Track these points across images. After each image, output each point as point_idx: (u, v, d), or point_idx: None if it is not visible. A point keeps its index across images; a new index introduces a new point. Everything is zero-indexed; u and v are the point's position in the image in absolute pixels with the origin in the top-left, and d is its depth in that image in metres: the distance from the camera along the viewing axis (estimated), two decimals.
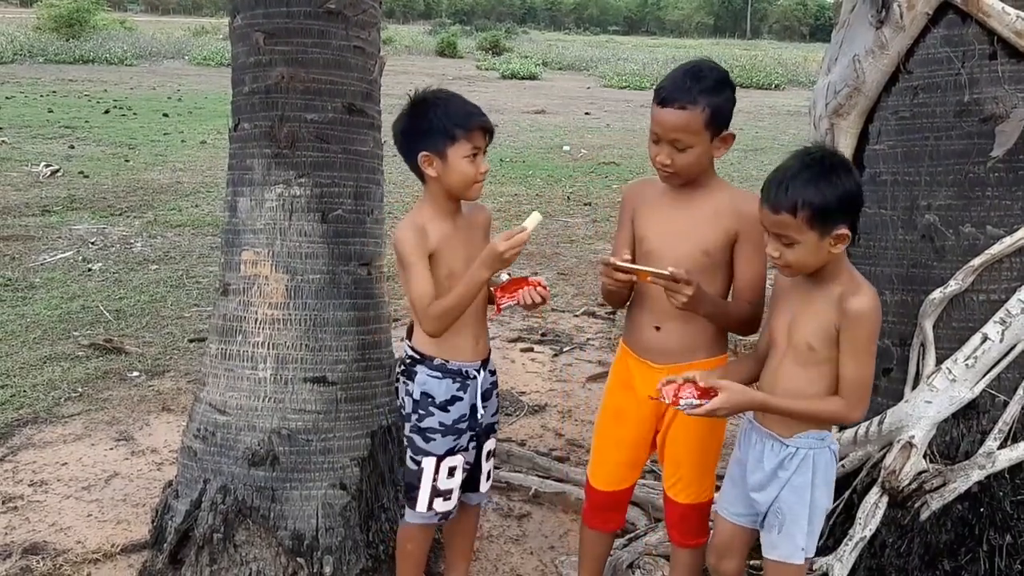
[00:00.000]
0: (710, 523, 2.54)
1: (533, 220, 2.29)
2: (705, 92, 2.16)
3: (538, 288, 2.34)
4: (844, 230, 1.99)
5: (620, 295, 2.42)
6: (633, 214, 2.41)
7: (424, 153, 2.33)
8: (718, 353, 2.39)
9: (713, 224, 2.28)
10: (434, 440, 2.47)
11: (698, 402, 2.05)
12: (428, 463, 2.48)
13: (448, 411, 2.46)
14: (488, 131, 2.36)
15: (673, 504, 2.49)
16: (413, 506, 2.53)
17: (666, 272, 2.10)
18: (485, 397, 2.55)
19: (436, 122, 2.31)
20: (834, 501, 2.72)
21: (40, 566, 2.96)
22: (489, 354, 2.59)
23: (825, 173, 1.98)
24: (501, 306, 2.42)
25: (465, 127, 2.30)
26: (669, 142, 2.20)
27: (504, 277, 2.40)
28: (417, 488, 2.50)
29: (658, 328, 2.36)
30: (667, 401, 2.09)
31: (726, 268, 2.31)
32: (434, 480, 2.48)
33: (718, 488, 2.45)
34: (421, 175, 2.39)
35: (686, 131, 2.17)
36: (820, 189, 1.96)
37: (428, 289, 2.33)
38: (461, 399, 2.47)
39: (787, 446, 2.16)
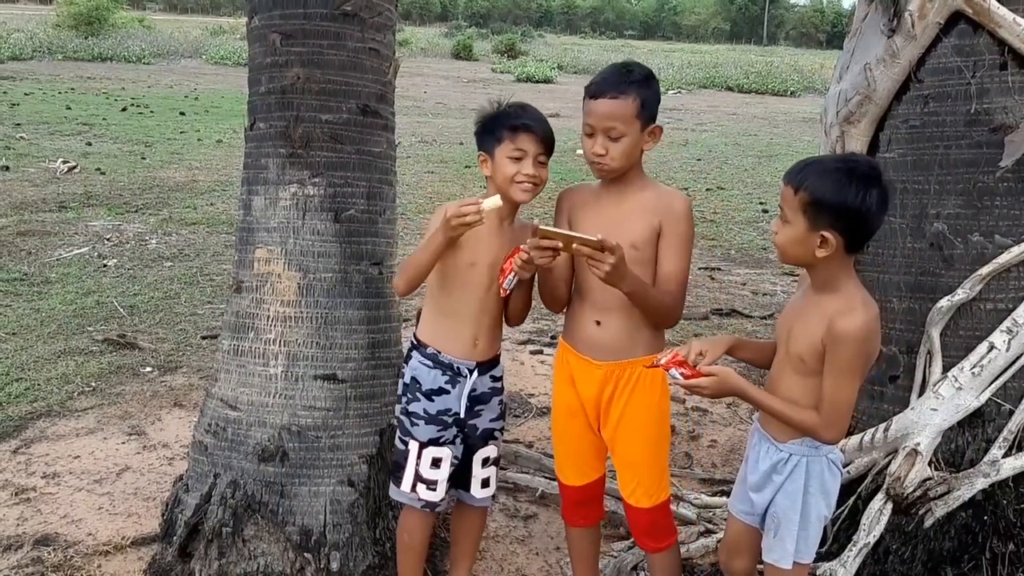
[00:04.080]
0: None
1: (492, 202, 2.34)
2: (635, 84, 2.29)
3: (521, 254, 2.35)
4: (828, 234, 1.97)
5: (558, 293, 2.48)
6: (569, 215, 2.51)
7: (480, 153, 2.51)
8: (656, 351, 2.41)
9: (640, 218, 2.35)
10: (417, 426, 2.53)
11: (683, 379, 2.10)
12: (413, 446, 2.55)
13: (433, 400, 2.52)
14: (539, 136, 2.42)
15: (637, 512, 2.50)
16: (398, 484, 2.59)
17: (594, 238, 2.14)
18: (479, 400, 2.57)
19: (489, 125, 2.47)
20: (838, 507, 2.73)
21: (51, 557, 3.00)
22: (495, 360, 2.60)
23: (844, 173, 1.96)
24: (505, 288, 2.45)
25: (511, 129, 2.42)
26: (603, 131, 2.30)
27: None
28: (403, 468, 2.57)
29: (599, 323, 2.40)
30: (662, 361, 2.13)
31: (653, 264, 2.37)
32: (417, 465, 2.54)
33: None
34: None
35: (619, 119, 2.28)
36: (828, 183, 1.95)
37: (416, 253, 2.44)
38: (448, 392, 2.52)
39: (780, 450, 2.17)
